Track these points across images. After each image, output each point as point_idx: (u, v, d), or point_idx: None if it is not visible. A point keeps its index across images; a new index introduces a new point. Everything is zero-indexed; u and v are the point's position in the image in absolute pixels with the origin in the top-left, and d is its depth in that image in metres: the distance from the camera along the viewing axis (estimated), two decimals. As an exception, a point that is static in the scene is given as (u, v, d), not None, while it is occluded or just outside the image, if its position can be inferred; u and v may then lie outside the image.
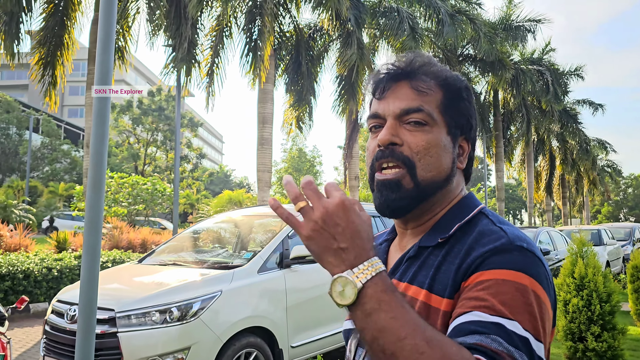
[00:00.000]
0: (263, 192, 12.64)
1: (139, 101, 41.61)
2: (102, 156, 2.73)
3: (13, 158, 38.79)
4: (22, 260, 9.01)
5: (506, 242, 0.85)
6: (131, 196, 19.10)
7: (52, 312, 4.40)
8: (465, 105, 1.01)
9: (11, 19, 10.65)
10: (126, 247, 12.98)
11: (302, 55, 14.19)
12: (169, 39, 12.01)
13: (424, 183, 0.95)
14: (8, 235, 12.51)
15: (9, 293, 8.28)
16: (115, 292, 4.46)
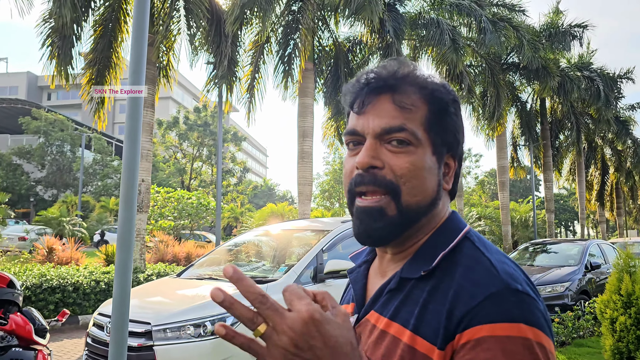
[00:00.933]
0: (304, 205, 12.69)
1: (185, 117, 42.77)
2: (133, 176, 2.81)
3: (67, 174, 40.53)
4: (72, 273, 9.35)
5: (501, 287, 0.76)
6: (177, 210, 19.57)
7: (94, 324, 4.54)
8: (452, 120, 0.90)
9: (64, 43, 11.17)
10: (171, 260, 13.28)
11: (340, 69, 14.26)
12: (210, 57, 12.31)
13: (408, 209, 0.85)
14: (60, 249, 13.04)
15: (59, 305, 8.59)
16: (152, 305, 4.56)
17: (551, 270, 9.33)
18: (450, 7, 15.68)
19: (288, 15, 12.93)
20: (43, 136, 39.77)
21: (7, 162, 39.43)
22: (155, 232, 16.07)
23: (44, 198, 40.44)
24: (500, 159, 20.97)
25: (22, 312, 3.56)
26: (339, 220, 5.80)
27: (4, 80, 66.83)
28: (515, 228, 27.70)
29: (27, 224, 26.86)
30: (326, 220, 6.61)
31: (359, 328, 0.88)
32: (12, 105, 45.89)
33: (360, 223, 0.87)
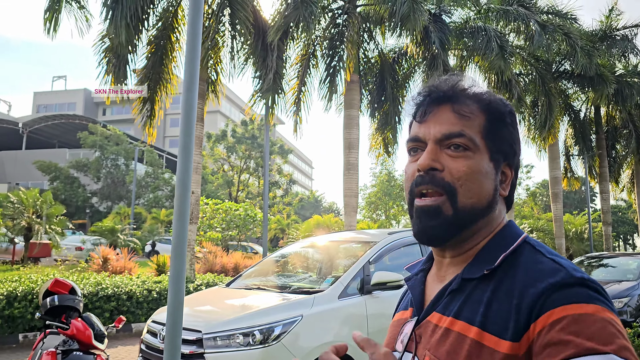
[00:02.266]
0: (350, 217, 12.69)
1: (233, 130, 43.67)
2: (186, 189, 2.91)
3: (121, 186, 42.06)
4: (125, 282, 9.67)
5: (566, 276, 0.80)
6: (225, 221, 19.94)
7: (147, 331, 4.68)
8: (508, 130, 0.97)
9: (119, 61, 11.68)
10: (220, 270, 13.53)
11: (386, 80, 14.26)
12: (256, 71, 12.57)
13: (464, 210, 0.90)
14: (114, 258, 13.52)
15: (114, 313, 8.90)
16: (203, 314, 4.67)
17: (608, 285, 8.96)
18: (497, 14, 15.44)
19: (333, 28, 13.06)
20: (99, 150, 41.49)
21: (65, 175, 41.30)
22: (204, 243, 16.42)
23: (99, 209, 42.09)
24: (552, 169, 20.33)
25: (82, 318, 3.73)
26: (385, 232, 5.78)
27: (63, 97, 70.25)
28: (570, 241, 26.69)
29: (83, 235, 28.00)
30: (373, 232, 6.60)
31: (419, 330, 0.93)
32: (70, 120, 48.19)
33: (419, 222, 0.93)
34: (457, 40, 15.09)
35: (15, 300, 8.08)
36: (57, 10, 10.51)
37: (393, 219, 42.57)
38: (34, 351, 3.81)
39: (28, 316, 8.07)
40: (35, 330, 8.25)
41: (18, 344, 7.98)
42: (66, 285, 3.86)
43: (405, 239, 5.48)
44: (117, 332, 8.79)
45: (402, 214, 42.70)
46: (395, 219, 42.79)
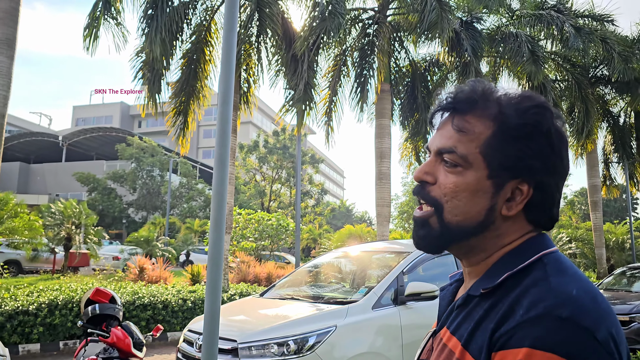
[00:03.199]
0: (382, 227, 12.63)
1: (265, 141, 44.11)
2: (222, 200, 2.96)
3: (156, 197, 42.90)
4: (161, 291, 9.84)
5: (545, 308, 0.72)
6: (257, 231, 20.10)
7: (184, 340, 4.76)
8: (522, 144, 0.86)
9: (154, 75, 11.99)
10: (253, 280, 13.61)
11: (417, 89, 14.20)
12: (287, 82, 12.70)
13: (449, 226, 0.88)
14: (150, 268, 13.77)
15: (150, 322, 9.06)
16: (238, 323, 4.71)
17: (652, 297, 8.63)
18: (530, 19, 15.20)
19: (364, 38, 13.10)
20: (135, 161, 42.48)
21: (103, 186, 42.40)
22: (237, 253, 16.57)
23: (135, 220, 43.00)
24: (591, 177, 19.80)
25: (122, 327, 3.82)
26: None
27: (100, 110, 72.30)
28: (611, 251, 25.85)
29: (120, 244, 28.62)
30: (406, 242, 6.56)
31: (434, 342, 0.94)
32: (107, 133, 49.54)
33: (414, 230, 0.94)
34: (489, 47, 14.92)
35: (56, 308, 8.32)
36: (96, 27, 10.87)
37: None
38: (75, 358, 3.92)
39: (68, 324, 8.28)
40: (75, 338, 8.46)
41: (59, 351, 8.19)
42: (106, 294, 3.97)
43: (440, 249, 5.41)
44: (153, 340, 8.93)
45: (435, 224, 42.29)
46: (428, 229, 42.40)
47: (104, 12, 10.97)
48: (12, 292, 9.04)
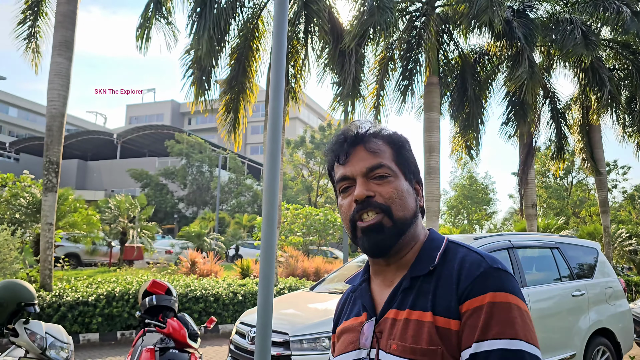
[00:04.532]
0: (431, 222, 12.44)
1: (312, 136, 44.27)
2: (274, 195, 2.98)
3: (206, 193, 43.83)
4: (212, 284, 10.06)
5: (487, 267, 1.04)
6: (305, 226, 20.21)
7: (236, 332, 4.83)
8: (410, 155, 1.22)
9: (202, 72, 12.21)
10: (301, 274, 13.71)
11: (467, 81, 13.85)
12: (335, 77, 12.67)
13: (399, 221, 1.12)
14: (201, 262, 14.09)
15: (202, 314, 9.27)
16: (289, 317, 4.75)
17: None
18: (585, 4, 14.53)
19: (412, 30, 12.90)
20: (185, 158, 43.53)
21: (155, 182, 43.68)
22: (285, 248, 16.72)
23: (185, 215, 44.10)
24: (652, 170, 18.82)
25: (178, 318, 3.92)
26: (470, 237, 5.61)
27: (152, 108, 74.48)
28: (674, 247, 24.54)
29: (172, 239, 29.43)
30: (456, 237, 6.42)
31: (379, 327, 1.10)
32: (159, 131, 50.96)
33: (367, 238, 1.13)
34: (542, 35, 14.37)
35: (113, 300, 8.64)
36: (148, 27, 11.16)
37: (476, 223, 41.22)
38: (133, 348, 4.05)
39: (125, 315, 8.59)
40: (132, 329, 8.77)
41: (117, 341, 8.51)
42: (163, 286, 4.07)
43: (493, 244, 5.28)
44: (206, 332, 9.14)
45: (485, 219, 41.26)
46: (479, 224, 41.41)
47: (155, 13, 11.25)
48: (72, 284, 9.46)
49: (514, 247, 5.37)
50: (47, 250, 9.43)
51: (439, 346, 0.99)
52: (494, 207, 42.02)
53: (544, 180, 37.52)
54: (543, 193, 36.60)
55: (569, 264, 5.77)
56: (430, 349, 0.99)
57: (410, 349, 1.01)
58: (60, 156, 10.02)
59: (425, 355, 0.99)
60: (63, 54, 10.23)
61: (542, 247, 5.85)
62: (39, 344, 3.58)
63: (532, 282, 5.39)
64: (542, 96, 16.08)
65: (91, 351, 7.90)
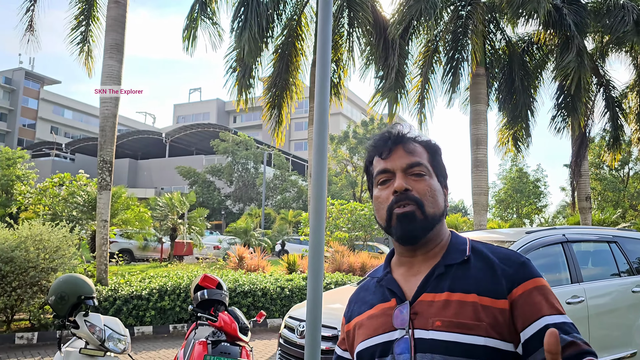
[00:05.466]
0: (480, 216, 12.19)
1: (354, 131, 44.15)
2: (322, 188, 2.98)
3: (251, 189, 44.46)
4: (260, 279, 10.20)
5: (524, 258, 1.22)
6: (350, 222, 20.20)
7: (285, 327, 4.89)
8: (442, 160, 1.34)
9: (246, 71, 12.36)
10: (347, 270, 13.71)
11: (515, 71, 13.45)
12: (378, 71, 12.57)
13: (430, 216, 1.23)
14: (249, 257, 14.31)
15: (251, 308, 9.43)
16: (338, 311, 4.76)
17: None
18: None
19: (457, 21, 12.63)
20: (231, 155, 44.26)
21: (202, 179, 44.64)
22: (331, 243, 16.76)
23: (232, 211, 44.88)
24: None
25: (228, 311, 4.00)
26: (522, 230, 5.46)
27: (199, 107, 76.07)
28: None
29: (219, 235, 30.01)
30: (508, 231, 6.26)
31: (414, 309, 1.19)
32: (205, 129, 52.00)
33: (401, 226, 1.23)
34: (595, 22, 13.78)
35: (165, 294, 8.90)
36: (194, 28, 11.38)
37: (526, 217, 40.10)
38: (186, 340, 4.16)
39: (177, 309, 8.84)
40: (183, 322, 9.01)
41: (169, 334, 8.77)
42: (214, 280, 4.16)
43: (546, 238, 5.13)
44: (254, 326, 9.29)
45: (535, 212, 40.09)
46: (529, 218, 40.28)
47: (201, 13, 11.45)
48: (126, 279, 9.79)
49: (568, 242, 5.19)
50: (103, 246, 9.80)
51: (484, 321, 1.11)
52: (545, 201, 40.74)
53: (599, 172, 36.06)
54: (597, 185, 35.21)
55: (629, 258, 5.54)
56: (476, 324, 1.11)
57: (456, 323, 1.12)
58: (113, 155, 10.37)
59: (472, 329, 1.11)
60: (114, 56, 10.57)
61: (598, 241, 5.63)
62: (98, 336, 3.72)
63: (589, 278, 5.20)
64: (596, 84, 15.44)
65: (145, 343, 8.16)
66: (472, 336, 1.10)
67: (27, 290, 7.63)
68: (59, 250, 8.07)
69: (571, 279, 5.02)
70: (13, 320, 8.26)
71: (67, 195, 16.14)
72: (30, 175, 31.60)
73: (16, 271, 7.49)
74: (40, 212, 16.15)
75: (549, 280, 4.86)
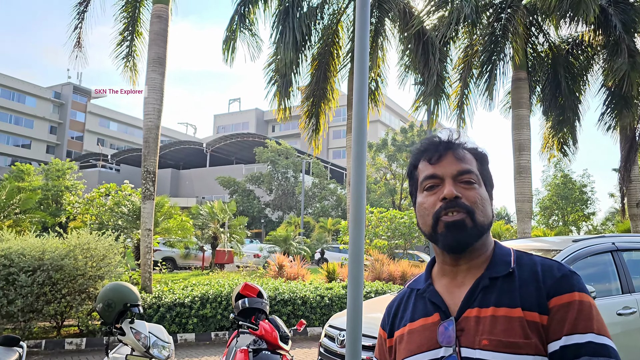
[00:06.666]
0: (524, 224, 11.88)
1: (393, 138, 43.88)
2: (361, 196, 2.98)
3: (291, 197, 44.73)
4: (300, 288, 10.22)
5: (567, 270, 1.15)
6: (390, 230, 20.04)
7: (325, 335, 4.87)
8: (489, 169, 1.30)
9: (284, 80, 12.50)
10: (387, 278, 13.58)
11: (560, 74, 13.10)
12: (417, 77, 12.48)
13: (479, 225, 1.19)
14: (288, 265, 14.37)
15: (291, 317, 9.45)
16: (378, 321, 4.71)
17: None
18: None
19: (497, 25, 12.42)
20: (270, 164, 44.71)
21: (242, 188, 45.23)
22: (370, 251, 16.66)
23: (272, 219, 45.24)
24: None
25: (269, 320, 4.02)
26: (568, 239, 5.28)
27: (238, 117, 77.25)
28: None
29: (259, 243, 30.27)
30: (553, 239, 6.07)
31: (460, 325, 1.14)
32: (244, 139, 52.77)
33: (450, 234, 1.19)
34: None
35: (207, 301, 9.02)
36: (233, 39, 11.59)
37: (572, 224, 38.81)
38: (228, 348, 4.20)
39: (218, 316, 8.94)
40: (225, 330, 9.11)
41: (211, 341, 8.88)
42: (254, 289, 4.20)
43: (594, 247, 4.95)
44: (294, 334, 9.30)
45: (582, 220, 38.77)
46: (575, 225, 38.96)
47: (240, 25, 11.66)
48: (169, 286, 9.99)
49: (618, 250, 4.99)
50: (147, 254, 10.04)
51: (533, 339, 1.07)
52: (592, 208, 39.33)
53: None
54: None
55: (684, 267, 5.27)
56: (525, 342, 1.07)
57: (505, 342, 1.07)
58: (157, 166, 10.64)
59: (522, 348, 1.06)
60: (157, 69, 10.88)
61: (651, 249, 5.39)
62: (143, 343, 3.81)
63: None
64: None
65: (188, 350, 8.29)
66: (521, 356, 1.06)
67: (75, 297, 7.88)
68: (105, 258, 8.31)
69: (622, 289, 4.81)
70: (63, 326, 8.55)
71: (112, 205, 16.65)
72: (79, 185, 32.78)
73: (66, 279, 7.75)
74: (88, 221, 16.70)
75: (598, 291, 4.67)
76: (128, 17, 12.33)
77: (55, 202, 29.89)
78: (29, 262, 7.62)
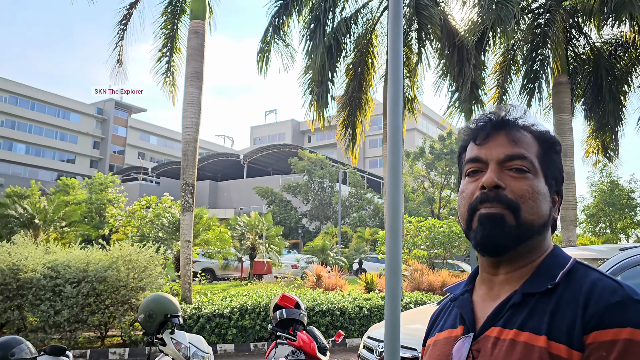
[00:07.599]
0: (568, 232, 11.52)
1: (431, 146, 43.42)
2: (397, 206, 2.94)
3: (327, 207, 44.74)
4: (338, 298, 10.17)
5: (625, 296, 0.86)
6: (429, 239, 19.75)
7: (364, 347, 4.82)
8: (558, 159, 1.05)
9: (320, 90, 12.55)
10: (427, 289, 13.38)
11: (602, 77, 12.70)
12: (452, 84, 12.33)
13: (525, 224, 0.96)
14: (326, 276, 14.33)
15: (329, 328, 9.40)
16: (418, 332, 4.63)
17: None
18: None
19: (535, 29, 12.17)
20: (307, 174, 44.90)
21: (279, 198, 45.54)
22: (409, 261, 16.46)
23: (309, 229, 45.32)
24: None
25: (307, 331, 4.01)
26: (616, 247, 5.07)
27: (274, 128, 78.04)
28: None
29: (297, 254, 30.34)
30: (599, 247, 5.85)
31: (477, 345, 0.96)
32: (281, 149, 53.24)
33: (483, 228, 0.98)
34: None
35: (246, 312, 9.08)
36: (267, 51, 11.74)
37: (621, 232, 37.38)
38: (266, 359, 4.20)
39: (257, 327, 8.98)
40: (263, 341, 9.13)
41: (250, 352, 8.91)
42: (292, 300, 4.20)
43: (644, 255, 4.73)
44: (333, 345, 9.25)
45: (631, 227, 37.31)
46: (624, 233, 37.52)
47: (274, 36, 11.80)
48: (209, 297, 10.11)
49: (670, 258, 4.76)
50: (187, 265, 10.19)
51: None
52: (643, 214, 37.76)
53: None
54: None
55: None
56: None
57: None
58: (195, 178, 10.83)
59: None
60: (194, 84, 11.10)
61: None
62: (183, 353, 3.85)
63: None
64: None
65: (228, 361, 8.35)
66: None
67: (118, 308, 8.06)
68: (146, 269, 8.49)
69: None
70: (107, 336, 8.75)
71: (153, 217, 17.02)
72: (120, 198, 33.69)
73: (109, 290, 7.95)
74: (129, 233, 17.12)
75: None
76: (167, 33, 12.66)
77: (98, 215, 30.81)
78: (74, 273, 7.85)
